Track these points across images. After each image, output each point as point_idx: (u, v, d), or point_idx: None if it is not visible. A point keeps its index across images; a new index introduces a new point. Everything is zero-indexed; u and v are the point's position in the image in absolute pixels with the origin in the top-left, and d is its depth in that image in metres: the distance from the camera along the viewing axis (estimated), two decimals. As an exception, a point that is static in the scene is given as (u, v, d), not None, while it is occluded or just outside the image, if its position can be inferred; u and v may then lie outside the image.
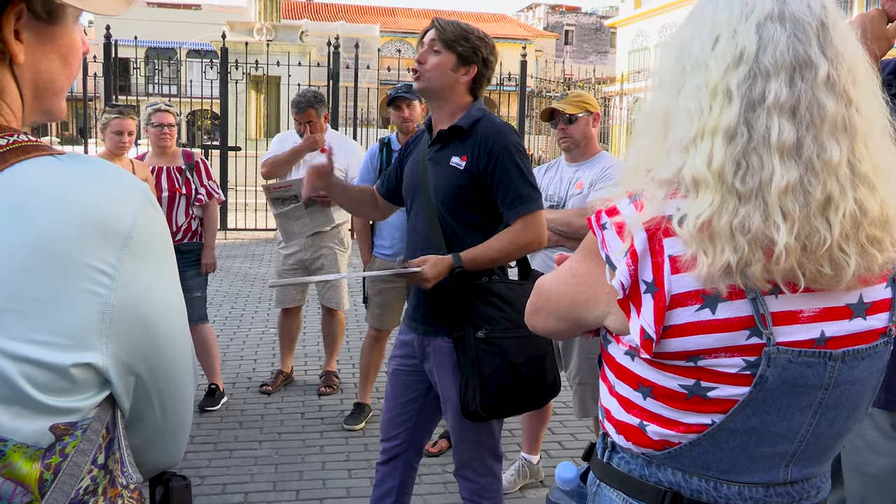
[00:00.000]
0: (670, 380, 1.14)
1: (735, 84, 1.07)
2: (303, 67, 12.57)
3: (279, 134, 5.26)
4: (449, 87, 2.54)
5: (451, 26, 2.54)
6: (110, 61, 11.43)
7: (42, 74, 0.90)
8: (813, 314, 1.11)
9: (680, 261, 1.08)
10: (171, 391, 0.97)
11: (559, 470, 1.37)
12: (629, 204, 1.14)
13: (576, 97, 3.49)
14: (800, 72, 1.07)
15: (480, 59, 2.55)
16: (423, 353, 2.64)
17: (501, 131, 2.51)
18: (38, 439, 0.81)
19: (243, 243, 11.25)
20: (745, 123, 1.07)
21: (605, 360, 1.29)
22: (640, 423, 1.20)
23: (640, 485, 1.23)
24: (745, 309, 1.09)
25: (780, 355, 1.09)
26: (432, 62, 2.52)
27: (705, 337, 1.09)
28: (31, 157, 0.83)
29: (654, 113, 1.18)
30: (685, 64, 1.14)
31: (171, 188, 4.52)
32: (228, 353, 5.86)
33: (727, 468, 1.17)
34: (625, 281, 1.11)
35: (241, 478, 3.80)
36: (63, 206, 0.81)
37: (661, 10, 37.34)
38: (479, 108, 2.59)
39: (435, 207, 2.54)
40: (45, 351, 0.79)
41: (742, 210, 1.05)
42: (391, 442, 2.74)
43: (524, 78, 12.66)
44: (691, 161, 1.09)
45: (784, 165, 1.05)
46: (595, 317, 1.24)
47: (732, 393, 1.12)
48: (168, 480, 1.08)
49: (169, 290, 0.93)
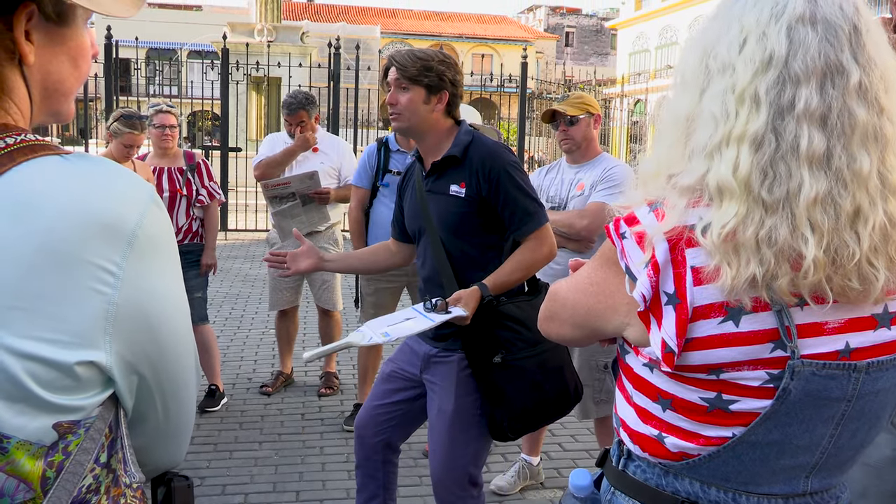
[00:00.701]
0: (691, 392, 1.12)
1: (764, 90, 1.04)
2: (303, 68, 12.59)
3: (269, 135, 5.27)
4: (426, 119, 2.55)
5: (409, 60, 2.52)
6: (111, 62, 11.44)
7: (51, 76, 0.91)
8: (838, 325, 1.07)
9: (703, 272, 1.05)
10: (174, 391, 0.97)
11: (573, 477, 1.35)
12: (649, 213, 1.11)
13: (577, 99, 3.50)
14: (831, 78, 1.03)
15: (448, 82, 2.55)
16: (426, 362, 2.64)
17: (496, 153, 2.52)
18: (42, 437, 0.81)
19: (243, 244, 11.25)
20: (773, 131, 1.03)
21: (622, 369, 1.26)
22: (658, 434, 1.18)
23: (656, 494, 1.21)
24: (770, 321, 1.06)
25: (805, 368, 1.06)
26: (403, 101, 2.53)
27: (728, 350, 1.06)
28: (39, 157, 0.84)
29: (675, 114, 1.14)
30: (710, 65, 1.10)
31: (172, 189, 4.52)
32: (228, 353, 5.86)
33: (747, 480, 1.15)
34: (646, 293, 1.08)
35: (241, 479, 3.80)
36: (69, 205, 0.81)
37: (662, 12, 37.38)
38: (465, 131, 2.59)
39: (440, 237, 2.55)
40: (49, 348, 0.80)
41: (769, 221, 1.02)
42: (368, 440, 2.73)
43: (525, 80, 12.66)
44: (716, 168, 1.05)
45: (813, 176, 1.01)
46: (613, 327, 1.20)
47: (754, 406, 1.09)
48: (170, 480, 1.08)
49: (173, 290, 0.93)
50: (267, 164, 4.79)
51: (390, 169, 4.34)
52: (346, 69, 12.20)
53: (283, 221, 4.70)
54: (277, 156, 4.78)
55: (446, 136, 2.58)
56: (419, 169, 2.67)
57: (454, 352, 2.55)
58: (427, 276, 2.65)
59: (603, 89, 25.02)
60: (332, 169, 4.84)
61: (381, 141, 4.45)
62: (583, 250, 3.31)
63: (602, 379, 3.41)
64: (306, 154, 4.79)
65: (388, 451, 2.76)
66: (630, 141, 23.06)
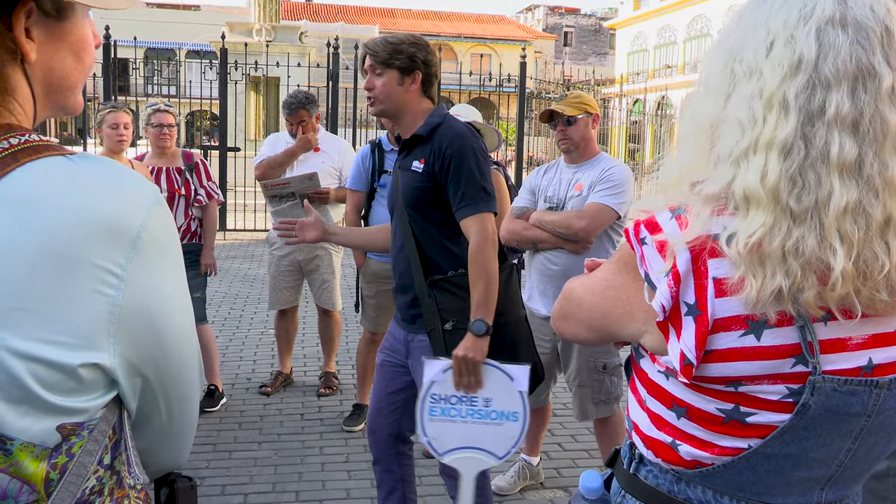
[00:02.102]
0: (708, 403, 1.09)
1: (793, 94, 1.00)
2: (302, 68, 12.58)
3: (271, 135, 5.27)
4: (401, 100, 2.65)
5: (380, 46, 2.63)
6: (109, 62, 11.43)
7: (54, 71, 0.90)
8: (862, 341, 1.04)
9: (725, 283, 1.02)
10: (178, 393, 0.98)
11: (583, 479, 1.34)
12: (671, 219, 1.07)
13: (575, 98, 3.49)
14: (862, 82, 0.99)
15: (420, 62, 2.63)
16: (407, 348, 2.74)
17: (459, 135, 2.58)
18: (45, 439, 0.81)
19: (242, 244, 11.24)
20: (803, 138, 0.99)
21: (635, 372, 1.23)
22: (672, 441, 1.15)
23: (668, 500, 1.19)
24: (793, 336, 1.03)
25: (826, 384, 1.03)
26: (378, 84, 2.63)
27: (748, 364, 1.04)
28: (43, 157, 0.84)
29: (699, 120, 1.10)
30: (736, 69, 1.06)
31: (170, 189, 4.52)
32: (228, 353, 5.86)
33: (761, 490, 1.13)
34: (665, 303, 1.05)
35: (240, 479, 3.80)
36: (73, 206, 0.81)
37: (661, 11, 37.38)
38: (438, 113, 2.67)
39: (405, 211, 2.65)
40: (53, 350, 0.80)
41: (796, 231, 0.99)
42: (378, 435, 2.81)
43: (523, 79, 12.66)
44: (743, 176, 1.02)
45: (844, 184, 0.98)
46: (630, 334, 1.17)
47: (772, 419, 1.06)
48: (174, 482, 1.08)
49: (177, 292, 0.93)
50: (268, 165, 4.79)
51: (385, 169, 4.34)
52: (344, 69, 12.21)
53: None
54: (278, 156, 4.78)
55: (421, 116, 2.67)
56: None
57: (419, 332, 2.66)
58: (397, 248, 2.74)
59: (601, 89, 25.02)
60: (334, 169, 4.84)
61: (373, 143, 4.44)
62: (580, 251, 3.31)
63: (601, 380, 3.41)
64: (307, 154, 4.79)
65: (399, 443, 2.82)
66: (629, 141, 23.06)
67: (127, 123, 4.35)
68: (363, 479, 3.81)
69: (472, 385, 2.43)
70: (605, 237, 3.38)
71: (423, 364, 2.48)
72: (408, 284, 2.68)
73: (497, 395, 2.44)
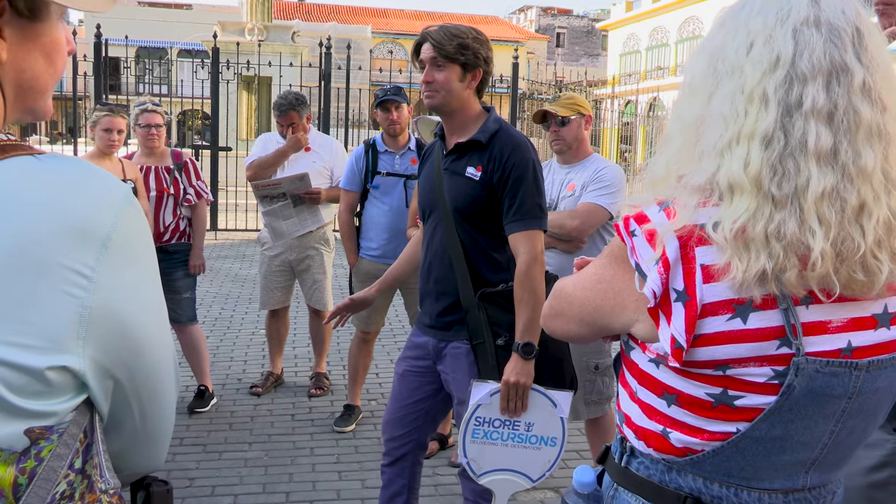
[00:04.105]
0: (697, 388, 1.14)
1: (772, 89, 1.07)
2: (294, 68, 12.54)
3: (262, 135, 5.25)
4: (460, 98, 2.55)
5: (446, 38, 2.50)
6: (100, 60, 11.38)
7: (25, 73, 0.88)
8: (841, 324, 1.11)
9: (712, 269, 1.08)
10: (151, 395, 0.95)
11: (577, 474, 1.36)
12: (660, 211, 1.14)
13: (568, 99, 3.49)
14: (836, 77, 1.06)
15: (482, 60, 2.55)
16: (437, 355, 2.67)
17: (520, 145, 2.53)
18: (13, 443, 0.79)
19: (233, 244, 11.20)
20: (782, 129, 1.06)
21: (626, 365, 1.28)
22: (663, 429, 1.20)
23: (659, 490, 1.23)
24: (776, 319, 1.09)
25: (809, 365, 1.09)
26: (440, 79, 2.51)
27: (735, 346, 1.09)
28: (10, 157, 0.82)
29: (685, 118, 1.17)
30: (719, 69, 1.13)
31: (158, 188, 4.49)
32: (218, 354, 5.83)
33: (749, 475, 1.18)
34: (656, 289, 1.11)
35: (230, 480, 3.77)
36: (41, 207, 0.79)
37: (653, 13, 37.47)
38: (495, 118, 2.61)
39: (452, 216, 2.56)
40: (19, 353, 0.77)
41: (777, 216, 1.05)
42: (397, 442, 2.75)
43: (516, 80, 12.67)
44: (727, 165, 1.08)
45: (821, 171, 1.05)
46: (622, 324, 1.23)
47: (759, 402, 1.12)
48: (149, 485, 1.06)
49: (150, 293, 0.91)
50: (258, 166, 4.77)
51: (379, 170, 4.33)
52: (336, 69, 12.19)
53: (274, 222, 4.70)
54: (269, 157, 4.76)
55: (474, 119, 2.60)
56: (440, 146, 2.68)
57: (463, 342, 2.58)
58: (435, 252, 2.64)
59: (594, 90, 25.05)
60: (325, 169, 4.82)
61: (367, 143, 4.43)
62: (572, 251, 3.31)
63: (593, 380, 3.41)
64: (299, 153, 4.77)
65: (419, 450, 2.79)
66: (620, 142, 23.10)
67: (121, 129, 4.33)
68: (354, 481, 3.80)
69: (519, 410, 2.43)
70: (597, 237, 3.38)
71: (472, 386, 2.44)
72: (446, 291, 2.59)
73: (539, 421, 2.46)
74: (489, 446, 2.46)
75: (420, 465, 2.82)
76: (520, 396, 2.42)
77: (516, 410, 2.43)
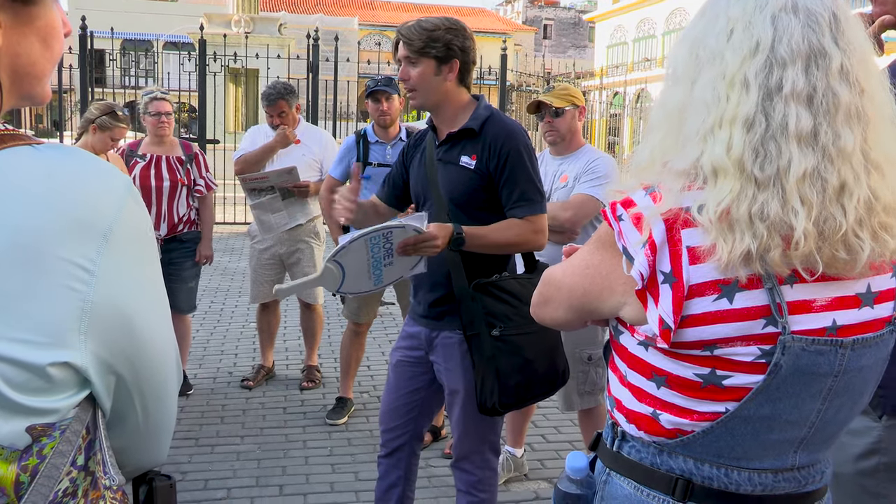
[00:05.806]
0: (686, 369, 1.16)
1: (752, 73, 1.09)
2: (282, 60, 12.47)
3: (251, 128, 5.23)
4: (440, 91, 2.53)
5: (415, 33, 2.48)
6: (86, 53, 11.27)
7: (21, 58, 0.86)
8: (825, 303, 1.13)
9: (698, 251, 1.10)
10: (154, 390, 0.94)
11: (569, 460, 1.37)
12: (646, 196, 1.16)
13: (563, 90, 3.49)
14: (815, 61, 1.09)
15: (457, 50, 2.51)
16: (430, 345, 2.66)
17: (512, 132, 2.52)
18: (14, 441, 0.78)
19: (222, 237, 11.13)
20: (763, 112, 1.09)
21: (615, 350, 1.30)
22: (653, 412, 1.22)
23: (651, 472, 1.24)
24: (762, 298, 1.11)
25: (795, 343, 1.11)
26: (414, 75, 2.50)
27: (722, 326, 1.11)
28: (8, 147, 0.80)
29: (668, 106, 1.19)
30: (700, 56, 1.16)
31: (172, 178, 4.52)
32: (209, 347, 5.81)
33: (739, 455, 1.20)
34: (644, 271, 1.13)
35: (223, 473, 3.76)
36: (40, 200, 0.77)
37: (639, 4, 37.48)
38: (485, 106, 2.59)
39: (447, 207, 2.54)
40: (21, 349, 0.76)
41: (760, 197, 1.07)
42: (394, 433, 2.75)
43: (504, 72, 12.65)
44: (710, 149, 1.10)
45: (802, 152, 1.07)
46: (609, 308, 1.24)
47: (747, 381, 1.14)
48: (152, 480, 1.05)
49: (152, 286, 0.90)
50: (246, 160, 4.76)
51: (370, 161, 4.31)
52: (324, 61, 12.10)
53: (262, 215, 4.68)
54: (256, 152, 4.74)
55: (462, 108, 2.58)
56: (431, 137, 2.66)
57: (455, 332, 2.57)
58: None
59: (582, 82, 25.06)
60: (315, 161, 4.79)
61: (359, 133, 4.41)
62: (565, 242, 3.30)
63: (586, 371, 3.42)
64: (287, 149, 4.74)
65: (416, 441, 2.79)
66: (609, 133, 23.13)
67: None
68: (347, 473, 3.79)
69: (407, 253, 2.36)
70: (590, 228, 3.38)
71: (412, 216, 2.36)
72: (440, 282, 2.57)
73: (399, 264, 2.41)
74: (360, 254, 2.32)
75: (417, 457, 2.81)
76: (417, 251, 2.36)
77: (405, 253, 2.35)
